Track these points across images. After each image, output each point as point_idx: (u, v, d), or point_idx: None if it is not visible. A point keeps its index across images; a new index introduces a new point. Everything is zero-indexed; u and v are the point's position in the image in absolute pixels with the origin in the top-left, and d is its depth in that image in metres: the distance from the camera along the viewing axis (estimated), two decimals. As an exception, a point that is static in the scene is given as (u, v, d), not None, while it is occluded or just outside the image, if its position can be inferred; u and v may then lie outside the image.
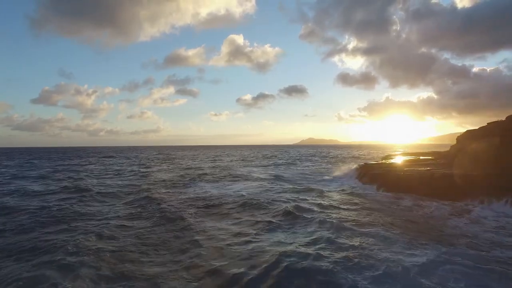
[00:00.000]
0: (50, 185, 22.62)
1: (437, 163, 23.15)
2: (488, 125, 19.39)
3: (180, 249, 8.94)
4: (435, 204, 14.55)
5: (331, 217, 11.95)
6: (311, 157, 61.97)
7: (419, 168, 20.23)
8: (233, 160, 54.82)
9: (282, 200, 15.76)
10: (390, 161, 28.75)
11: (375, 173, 21.33)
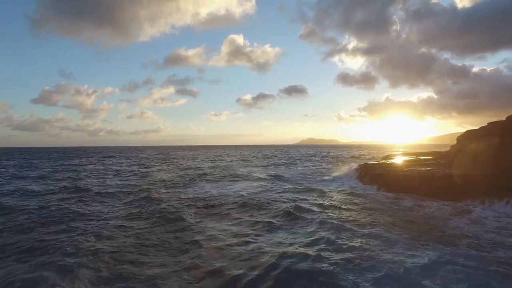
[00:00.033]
0: (50, 185, 22.56)
1: (438, 163, 23.10)
2: (488, 125, 19.32)
3: (180, 250, 8.89)
4: (436, 205, 14.51)
5: (332, 218, 11.89)
6: (311, 157, 61.92)
7: (420, 168, 20.18)
8: (233, 160, 54.77)
9: (282, 200, 15.71)
10: (391, 161, 28.69)
11: (376, 173, 21.27)
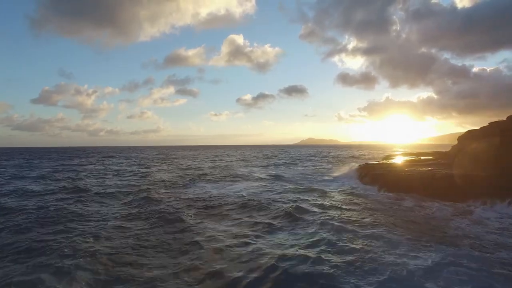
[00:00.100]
0: (49, 185, 22.49)
1: (438, 163, 23.00)
2: (489, 125, 19.24)
3: (180, 251, 8.80)
4: (437, 205, 14.43)
5: (332, 218, 11.81)
6: (311, 157, 61.82)
7: (420, 168, 20.08)
8: (233, 160, 54.69)
9: (283, 201, 15.62)
10: (391, 161, 28.58)
11: (376, 174, 21.17)
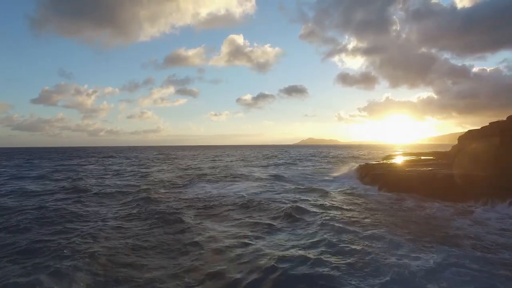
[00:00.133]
0: (49, 185, 22.44)
1: (439, 163, 22.95)
2: (489, 125, 19.19)
3: (179, 252, 8.74)
4: (438, 205, 14.36)
5: (333, 219, 11.74)
6: (311, 157, 61.76)
7: (421, 169, 20.03)
8: (233, 160, 54.63)
9: (283, 201, 15.57)
10: (391, 161, 28.54)
11: (377, 174, 21.11)
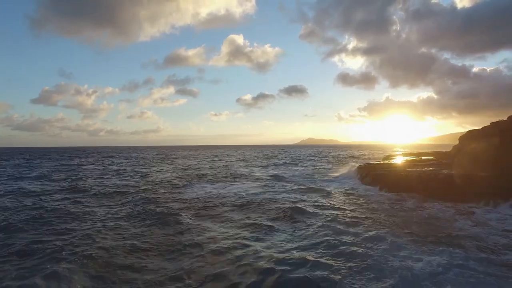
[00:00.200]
0: (48, 186, 22.33)
1: (439, 163, 22.83)
2: (490, 125, 19.11)
3: (178, 253, 8.61)
4: (439, 206, 14.25)
5: (333, 220, 11.63)
6: (311, 157, 61.64)
7: (422, 169, 19.91)
8: (233, 160, 54.51)
9: (283, 201, 15.46)
10: (392, 161, 28.40)
11: (377, 174, 20.99)
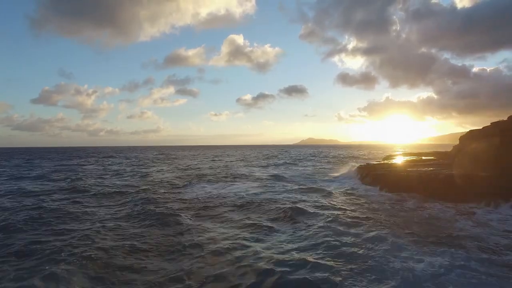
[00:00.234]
0: (47, 186, 22.29)
1: (440, 163, 22.77)
2: (491, 125, 19.05)
3: (178, 254, 8.56)
4: (440, 206, 14.19)
5: (334, 220, 11.57)
6: (312, 157, 61.58)
7: (422, 169, 19.85)
8: (233, 160, 54.46)
9: (283, 202, 15.41)
10: (392, 161, 28.33)
11: (377, 174, 20.93)
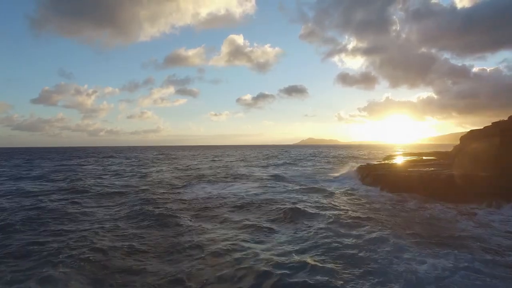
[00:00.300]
0: (46, 186, 22.20)
1: (441, 164, 22.69)
2: (492, 125, 18.98)
3: (177, 256, 8.45)
4: (441, 207, 14.09)
5: (334, 221, 11.48)
6: (312, 157, 61.48)
7: (423, 169, 19.77)
8: (233, 160, 54.37)
9: (283, 202, 15.32)
10: (393, 162, 28.25)
11: (378, 174, 20.84)
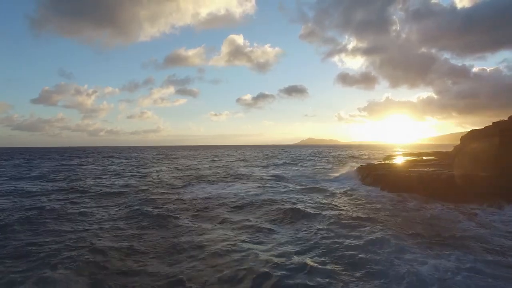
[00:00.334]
0: (46, 186, 22.15)
1: (441, 164, 22.64)
2: (492, 125, 18.94)
3: (177, 256, 8.40)
4: (441, 207, 14.03)
5: (334, 221, 11.42)
6: (312, 157, 61.41)
7: (423, 169, 19.72)
8: (233, 160, 54.31)
9: (283, 202, 15.26)
10: (393, 162, 28.20)
11: (378, 174, 20.79)
